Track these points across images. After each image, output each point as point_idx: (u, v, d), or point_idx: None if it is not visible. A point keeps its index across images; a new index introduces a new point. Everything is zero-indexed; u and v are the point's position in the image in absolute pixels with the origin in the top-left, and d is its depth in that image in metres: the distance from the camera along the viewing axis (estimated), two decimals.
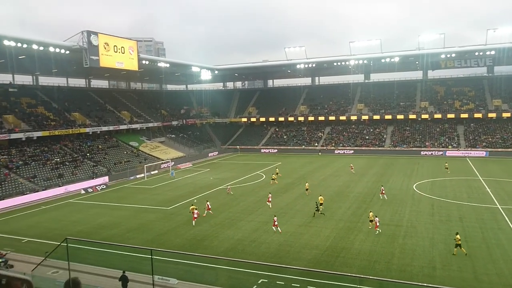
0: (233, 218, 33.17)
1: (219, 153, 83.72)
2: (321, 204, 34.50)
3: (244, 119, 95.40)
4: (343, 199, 38.69)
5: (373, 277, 19.67)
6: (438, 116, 78.61)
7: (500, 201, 35.95)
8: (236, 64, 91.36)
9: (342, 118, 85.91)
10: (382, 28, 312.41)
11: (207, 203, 35.04)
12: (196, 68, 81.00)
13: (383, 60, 76.90)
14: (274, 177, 49.48)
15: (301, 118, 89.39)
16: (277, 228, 28.71)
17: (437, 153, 70.01)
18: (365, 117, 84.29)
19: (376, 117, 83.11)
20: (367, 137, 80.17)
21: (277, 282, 20.11)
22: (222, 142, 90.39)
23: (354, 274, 20.06)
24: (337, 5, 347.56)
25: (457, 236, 23.62)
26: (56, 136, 59.67)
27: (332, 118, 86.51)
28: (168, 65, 73.92)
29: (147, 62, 68.55)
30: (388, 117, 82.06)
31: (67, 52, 53.76)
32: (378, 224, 28.09)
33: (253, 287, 19.63)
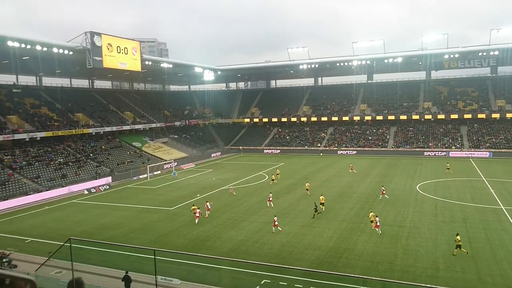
0: (236, 219, 33.18)
1: (222, 154, 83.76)
2: (322, 204, 34.62)
3: (247, 120, 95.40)
4: (346, 200, 38.63)
5: (376, 278, 19.64)
6: (442, 117, 78.37)
7: (504, 202, 35.79)
8: (239, 65, 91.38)
9: (345, 119, 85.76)
10: (385, 29, 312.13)
11: (207, 204, 35.13)
12: (199, 69, 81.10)
13: (386, 61, 76.77)
14: (274, 178, 49.61)
15: (304, 119, 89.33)
16: (277, 228, 28.77)
17: (441, 154, 69.78)
18: (368, 118, 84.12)
19: (379, 118, 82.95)
20: (370, 138, 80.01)
21: (280, 283, 20.08)
22: (225, 143, 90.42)
23: (357, 275, 20.01)
24: (340, 6, 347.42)
25: (457, 237, 23.56)
26: (60, 137, 59.88)
27: (335, 119, 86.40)
28: (171, 66, 74.05)
29: (150, 63, 68.67)
30: (391, 118, 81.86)
31: (71, 53, 53.96)
32: (379, 224, 28.08)
33: None
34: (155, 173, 60.32)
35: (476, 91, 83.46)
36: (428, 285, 18.60)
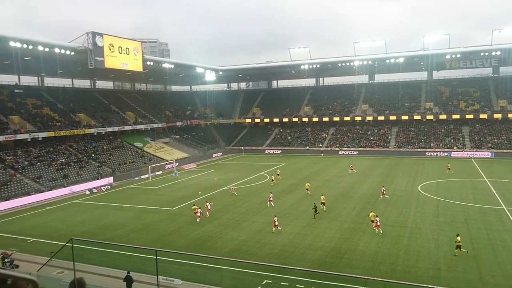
0: (237, 219, 33.19)
1: (223, 154, 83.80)
2: (323, 204, 34.69)
3: (248, 120, 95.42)
4: (348, 200, 38.61)
5: (378, 279, 19.61)
6: (443, 117, 78.24)
7: (506, 202, 35.71)
8: (240, 65, 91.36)
9: (347, 119, 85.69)
10: (387, 29, 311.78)
11: (207, 204, 35.17)
12: (201, 69, 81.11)
13: (388, 61, 76.65)
14: (273, 178, 49.66)
15: (305, 119, 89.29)
16: (277, 228, 28.81)
17: (442, 154, 69.68)
18: (370, 118, 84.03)
19: (381, 118, 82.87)
20: (372, 138, 79.94)
21: (281, 283, 20.08)
22: (226, 143, 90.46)
23: (359, 276, 19.99)
24: (342, 6, 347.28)
25: (458, 238, 23.54)
26: (61, 137, 59.99)
27: (337, 119, 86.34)
28: (173, 66, 74.09)
29: (152, 63, 68.71)
30: (393, 118, 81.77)
31: (72, 53, 54.01)
32: (379, 224, 28.09)
33: None
34: (157, 173, 60.38)
35: (478, 91, 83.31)
36: (430, 286, 18.56)
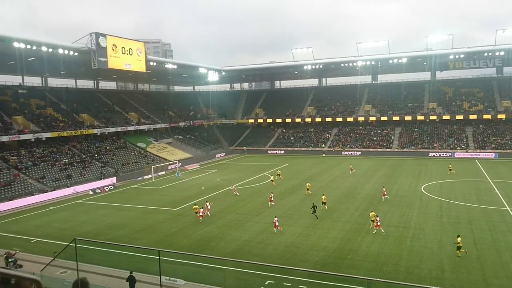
0: (240, 219, 33.19)
1: (226, 154, 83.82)
2: (324, 203, 34.80)
3: (251, 120, 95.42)
4: (351, 201, 38.54)
5: (381, 279, 19.58)
6: (447, 117, 77.98)
7: (510, 203, 35.53)
8: (243, 66, 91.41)
9: (350, 119, 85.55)
10: (390, 29, 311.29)
11: (207, 204, 35.20)
12: (203, 70, 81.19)
13: (391, 61, 76.49)
14: (273, 179, 49.74)
15: (308, 119, 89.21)
16: (277, 229, 28.85)
17: (446, 155, 69.44)
18: (373, 118, 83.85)
19: (384, 118, 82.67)
20: (375, 139, 79.78)
21: (284, 284, 20.07)
22: (229, 143, 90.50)
23: (362, 276, 19.95)
24: (345, 7, 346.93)
25: (458, 239, 23.47)
26: (65, 137, 60.19)
27: (339, 119, 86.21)
28: (176, 67, 74.21)
29: (155, 64, 68.85)
30: (396, 118, 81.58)
31: (76, 54, 54.19)
32: (379, 224, 28.07)
33: None
34: (160, 174, 60.47)
35: (482, 92, 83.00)
36: (433, 287, 18.50)
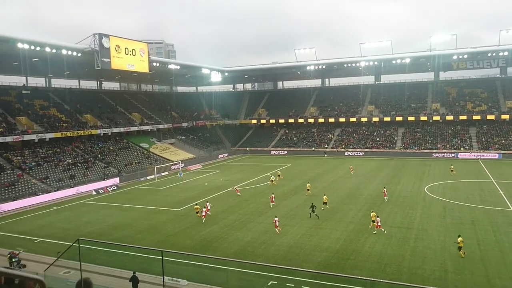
0: (243, 220, 33.20)
1: (229, 155, 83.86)
2: (325, 204, 34.85)
3: (254, 121, 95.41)
4: (353, 201, 38.47)
5: (384, 280, 19.53)
6: (450, 118, 77.70)
7: None
8: (246, 66, 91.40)
9: (352, 120, 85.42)
10: (393, 29, 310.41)
11: (207, 204, 35.25)
12: (206, 70, 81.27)
13: (394, 62, 76.28)
14: (272, 179, 49.78)
15: (311, 120, 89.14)
16: (277, 229, 28.98)
17: (449, 155, 69.22)
18: (376, 119, 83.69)
19: (387, 119, 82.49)
20: (378, 139, 79.61)
21: (287, 284, 20.04)
22: (232, 144, 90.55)
23: (365, 277, 19.91)
24: (348, 7, 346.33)
25: (459, 239, 23.43)
26: (68, 138, 60.39)
27: (342, 120, 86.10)
28: (179, 67, 74.31)
29: (158, 64, 68.97)
30: (399, 119, 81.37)
31: (79, 55, 54.36)
32: (380, 224, 28.03)
33: None
34: (163, 174, 60.56)
35: (485, 92, 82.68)
36: None
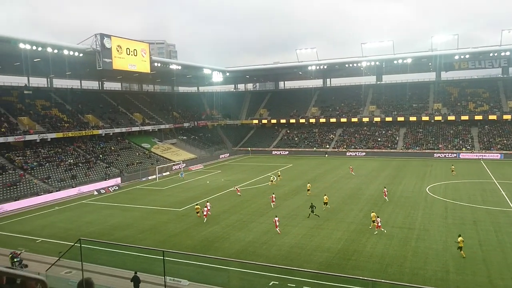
0: (244, 220, 33.20)
1: (230, 155, 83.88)
2: (326, 204, 34.94)
3: (255, 121, 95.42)
4: (355, 202, 38.44)
5: (386, 281, 19.51)
6: (452, 118, 77.57)
7: None
8: (247, 66, 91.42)
9: (354, 120, 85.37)
10: (394, 29, 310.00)
11: (207, 204, 35.26)
12: (208, 70, 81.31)
13: (396, 62, 76.19)
14: (272, 179, 49.79)
15: (313, 120, 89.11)
16: (278, 229, 29.04)
17: (451, 156, 69.11)
18: (377, 119, 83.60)
19: (388, 119, 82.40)
20: (379, 139, 79.53)
21: (288, 285, 20.04)
22: (233, 144, 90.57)
23: (366, 278, 19.88)
24: (349, 7, 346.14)
25: (460, 238, 23.39)
26: (70, 138, 60.49)
27: (344, 120, 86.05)
28: (180, 67, 74.36)
29: (159, 65, 69.04)
30: (401, 119, 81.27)
31: (81, 55, 54.45)
32: (380, 225, 28.02)
33: None
34: (164, 174, 60.58)
35: (487, 92, 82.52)
36: None
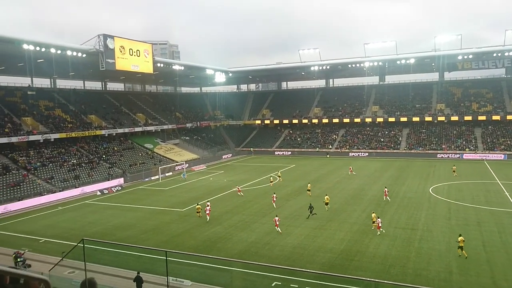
0: (247, 221, 33.19)
1: (233, 156, 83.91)
2: (327, 204, 35.00)
3: (258, 122, 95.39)
4: (358, 202, 38.36)
5: (389, 282, 19.45)
6: (455, 118, 77.31)
7: None
8: (250, 67, 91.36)
9: (357, 121, 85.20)
10: (397, 30, 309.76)
11: (207, 203, 35.28)
12: (210, 71, 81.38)
13: (398, 62, 75.98)
14: (272, 180, 49.87)
15: (315, 121, 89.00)
16: (277, 228, 29.07)
17: (454, 156, 68.89)
18: (380, 119, 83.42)
19: (391, 119, 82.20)
20: (382, 140, 79.35)
21: (291, 285, 20.00)
22: (236, 145, 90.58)
23: (369, 278, 19.83)
24: (352, 7, 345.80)
25: (460, 238, 23.33)
26: (73, 138, 60.67)
27: (347, 121, 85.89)
28: (183, 68, 74.43)
29: (162, 65, 69.15)
30: (404, 119, 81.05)
31: (84, 56, 54.61)
32: (380, 226, 27.97)
33: None
34: (167, 175, 60.67)
35: (491, 93, 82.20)
36: None
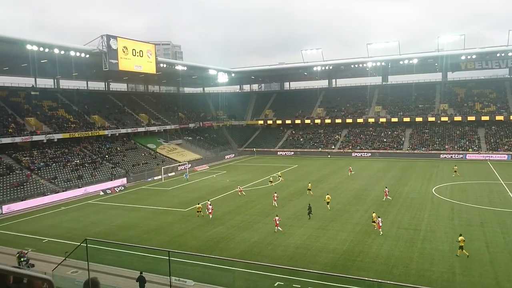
0: (250, 221, 33.20)
1: (236, 156, 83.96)
2: (328, 203, 35.02)
3: (261, 122, 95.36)
4: (360, 202, 38.31)
5: (391, 282, 19.43)
6: (458, 119, 77.06)
7: None
8: (253, 67, 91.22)
9: (360, 121, 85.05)
10: (400, 30, 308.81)
11: (208, 203, 35.28)
12: (213, 71, 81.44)
13: (401, 62, 75.74)
14: (271, 180, 49.86)
15: (318, 121, 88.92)
16: (278, 228, 29.06)
17: (457, 156, 68.69)
18: (383, 120, 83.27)
19: (394, 120, 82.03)
20: (385, 140, 79.20)
21: (294, 285, 20.01)
22: (239, 145, 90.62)
23: (372, 279, 19.80)
24: (355, 7, 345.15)
25: (461, 237, 23.29)
26: (76, 138, 60.85)
27: (349, 121, 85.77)
28: (185, 68, 74.50)
29: (165, 65, 69.27)
30: (407, 120, 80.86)
31: (87, 56, 54.74)
32: (381, 225, 27.99)
33: None
34: (170, 175, 60.76)
35: (494, 93, 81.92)
36: None
